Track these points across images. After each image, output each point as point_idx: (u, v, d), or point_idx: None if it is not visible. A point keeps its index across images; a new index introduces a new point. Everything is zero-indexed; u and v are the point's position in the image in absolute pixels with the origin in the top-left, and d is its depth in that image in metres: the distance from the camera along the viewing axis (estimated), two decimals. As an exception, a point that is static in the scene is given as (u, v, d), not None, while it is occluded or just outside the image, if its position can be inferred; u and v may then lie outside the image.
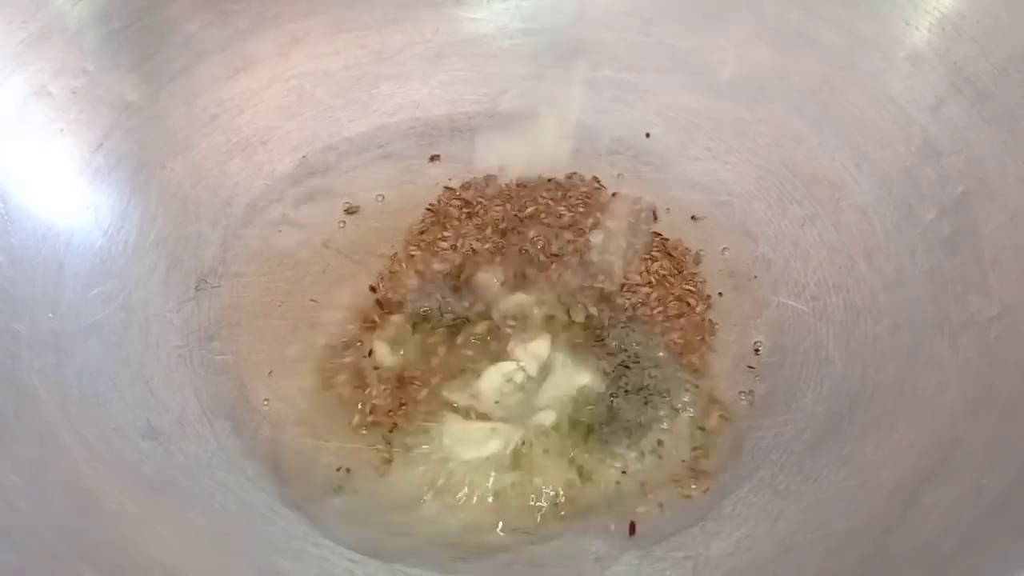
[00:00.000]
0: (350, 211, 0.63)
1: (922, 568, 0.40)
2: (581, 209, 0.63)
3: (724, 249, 0.62)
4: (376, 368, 0.55)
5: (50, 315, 0.52)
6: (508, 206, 0.63)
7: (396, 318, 0.58)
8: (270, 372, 0.56)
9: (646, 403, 0.54)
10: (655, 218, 0.63)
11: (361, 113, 0.67)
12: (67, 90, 0.57)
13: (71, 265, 0.54)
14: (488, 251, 0.61)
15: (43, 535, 0.41)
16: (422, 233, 0.62)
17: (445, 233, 0.62)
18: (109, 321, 0.54)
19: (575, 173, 0.65)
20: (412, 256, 0.61)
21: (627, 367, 0.55)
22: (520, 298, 0.58)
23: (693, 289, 0.59)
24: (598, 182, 0.65)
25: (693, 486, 0.51)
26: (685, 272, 0.60)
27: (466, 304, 0.58)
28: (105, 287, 0.55)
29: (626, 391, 0.54)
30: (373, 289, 0.59)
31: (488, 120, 0.68)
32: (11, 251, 0.52)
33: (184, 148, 0.62)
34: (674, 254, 0.61)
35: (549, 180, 0.65)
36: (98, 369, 0.52)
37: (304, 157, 0.66)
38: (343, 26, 0.67)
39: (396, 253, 0.61)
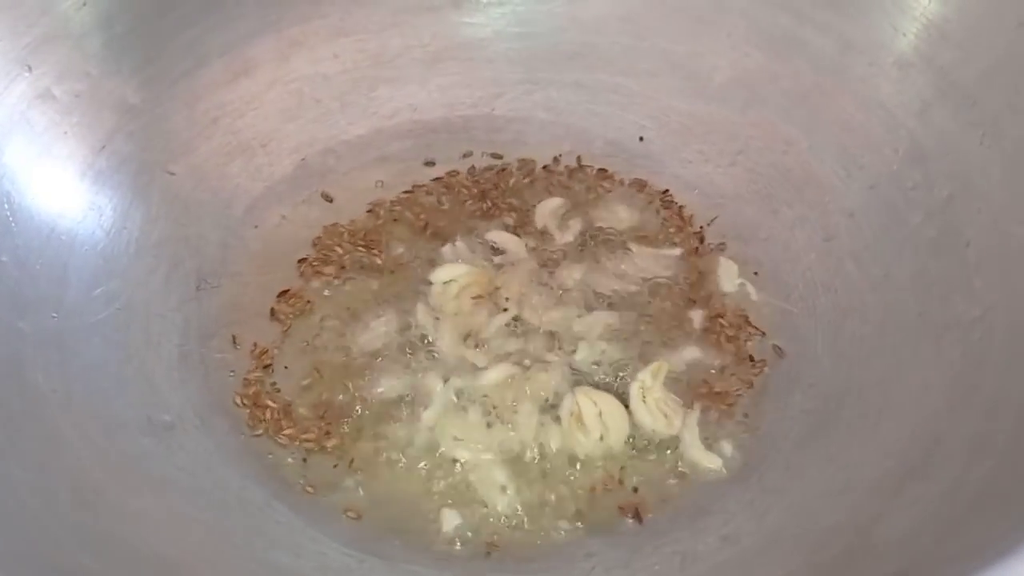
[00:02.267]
0: (326, 198, 0.65)
1: (903, 558, 0.41)
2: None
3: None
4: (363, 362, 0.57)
5: (54, 315, 0.53)
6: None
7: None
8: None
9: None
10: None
11: (359, 116, 0.68)
12: (71, 94, 0.58)
13: (75, 266, 0.55)
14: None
15: (48, 527, 0.42)
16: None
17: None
18: (112, 320, 0.55)
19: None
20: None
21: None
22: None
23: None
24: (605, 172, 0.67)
25: (682, 483, 0.52)
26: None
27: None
28: (108, 287, 0.56)
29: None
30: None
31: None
32: (16, 252, 0.53)
33: (185, 151, 0.63)
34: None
35: (545, 167, 0.67)
36: (101, 367, 0.53)
37: (303, 160, 0.67)
38: (342, 30, 0.68)
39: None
